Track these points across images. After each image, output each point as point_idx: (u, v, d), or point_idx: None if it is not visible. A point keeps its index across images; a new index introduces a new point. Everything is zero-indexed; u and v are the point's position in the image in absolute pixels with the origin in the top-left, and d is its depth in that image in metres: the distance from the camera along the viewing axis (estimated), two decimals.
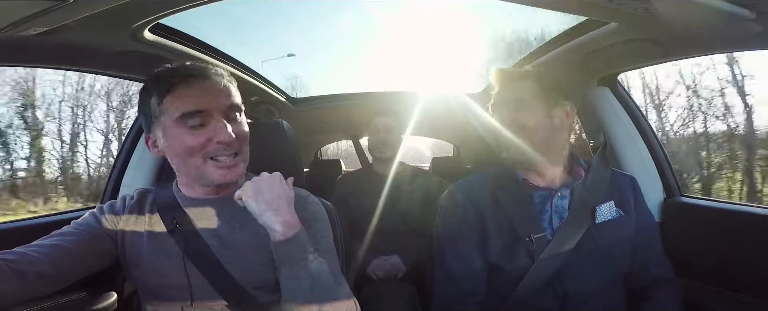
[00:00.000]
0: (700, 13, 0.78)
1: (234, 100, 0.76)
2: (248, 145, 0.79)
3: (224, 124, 0.72)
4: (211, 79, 0.75)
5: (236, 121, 0.76)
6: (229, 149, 0.74)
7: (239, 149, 0.76)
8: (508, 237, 0.88)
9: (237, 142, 0.75)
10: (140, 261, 0.79)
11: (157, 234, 0.79)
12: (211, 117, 0.73)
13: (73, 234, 0.76)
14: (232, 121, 0.75)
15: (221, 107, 0.73)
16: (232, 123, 0.74)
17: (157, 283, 0.78)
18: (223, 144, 0.72)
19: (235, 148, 0.75)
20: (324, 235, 0.82)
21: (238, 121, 0.77)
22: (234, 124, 0.75)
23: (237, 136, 0.74)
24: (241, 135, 0.76)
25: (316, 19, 26.60)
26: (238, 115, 0.77)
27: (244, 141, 0.78)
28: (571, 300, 0.86)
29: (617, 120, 1.34)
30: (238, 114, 0.77)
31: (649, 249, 0.93)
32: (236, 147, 0.75)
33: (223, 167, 0.74)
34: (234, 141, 0.74)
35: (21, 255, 0.67)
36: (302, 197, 0.84)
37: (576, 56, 1.19)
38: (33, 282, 0.66)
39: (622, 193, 0.93)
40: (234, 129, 0.74)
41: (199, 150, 0.73)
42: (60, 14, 0.67)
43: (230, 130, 0.72)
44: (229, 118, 0.75)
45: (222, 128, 0.72)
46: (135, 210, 0.82)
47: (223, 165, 0.74)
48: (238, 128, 0.76)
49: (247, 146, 0.79)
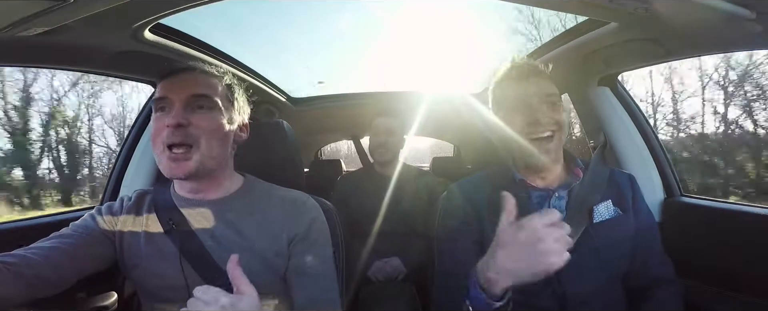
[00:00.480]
0: (700, 13, 0.78)
1: (201, 90, 0.75)
2: (216, 142, 0.76)
3: (179, 111, 0.72)
4: (188, 71, 0.77)
5: (200, 111, 0.74)
6: (179, 137, 0.71)
7: (196, 140, 0.73)
8: None
9: (193, 130, 0.72)
10: (138, 262, 0.79)
11: (155, 235, 0.79)
12: (172, 104, 0.73)
13: (72, 236, 0.76)
14: (196, 109, 0.74)
15: (183, 95, 0.73)
16: (193, 112, 0.73)
17: (156, 284, 0.78)
18: (171, 127, 0.71)
19: (189, 138, 0.72)
20: (321, 246, 0.81)
21: (202, 111, 0.75)
22: (196, 113, 0.74)
23: (193, 125, 0.72)
24: (201, 126, 0.73)
25: (317, 19, 26.67)
26: (207, 106, 0.75)
27: (207, 133, 0.74)
28: (570, 300, 0.86)
29: (617, 120, 1.34)
30: (205, 104, 0.75)
31: (648, 248, 0.93)
32: (191, 136, 0.72)
33: (172, 158, 0.72)
34: (186, 127, 0.72)
35: (20, 257, 0.67)
36: (300, 202, 0.83)
37: (576, 56, 1.19)
38: (32, 285, 0.66)
39: (621, 192, 0.93)
40: (192, 118, 0.72)
41: (157, 135, 0.73)
42: (60, 14, 0.67)
43: (181, 115, 0.71)
44: (193, 106, 0.74)
45: (175, 113, 0.72)
46: (133, 211, 0.82)
47: (173, 157, 0.72)
48: (199, 119, 0.73)
49: (214, 143, 0.75)
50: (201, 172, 0.75)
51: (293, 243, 0.79)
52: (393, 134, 1.74)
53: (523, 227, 0.63)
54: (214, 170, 0.78)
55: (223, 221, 0.79)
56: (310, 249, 0.79)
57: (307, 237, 0.79)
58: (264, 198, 0.83)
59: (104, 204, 0.85)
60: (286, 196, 0.84)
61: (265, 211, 0.81)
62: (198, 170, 0.74)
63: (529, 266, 0.62)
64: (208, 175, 0.78)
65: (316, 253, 0.80)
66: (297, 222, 0.80)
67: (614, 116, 1.34)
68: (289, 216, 0.80)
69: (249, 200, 0.82)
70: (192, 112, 0.74)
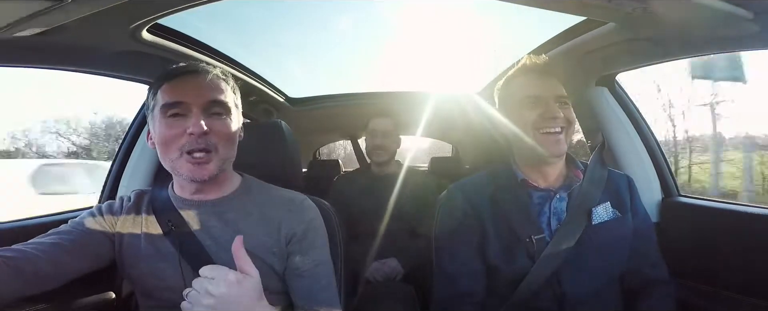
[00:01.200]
0: (698, 13, 0.79)
1: (218, 96, 0.75)
2: (231, 146, 0.78)
3: (199, 117, 0.72)
4: (199, 75, 0.76)
5: (217, 118, 0.75)
6: (201, 143, 0.72)
7: (215, 147, 0.74)
8: (508, 238, 0.88)
9: (213, 137, 0.74)
10: (137, 263, 0.79)
11: (153, 236, 0.80)
12: (189, 109, 0.73)
13: (71, 233, 0.76)
14: (213, 116, 0.75)
15: (201, 100, 0.73)
16: (210, 118, 0.74)
17: (154, 284, 0.78)
18: (195, 135, 0.71)
19: (210, 145, 0.73)
20: (319, 246, 0.82)
21: (220, 117, 0.76)
22: (213, 119, 0.74)
23: (213, 132, 0.73)
24: (220, 133, 0.75)
25: (317, 19, 26.65)
26: (223, 112, 0.76)
27: (224, 139, 0.75)
28: (568, 301, 0.86)
29: (615, 120, 1.34)
30: (221, 111, 0.76)
31: (644, 249, 0.93)
32: (211, 143, 0.74)
33: (194, 163, 0.73)
34: (208, 135, 0.73)
35: (20, 252, 0.68)
36: (298, 202, 0.83)
37: (574, 56, 1.19)
38: (31, 280, 0.67)
39: (619, 193, 0.93)
40: (211, 124, 0.73)
41: (174, 141, 0.73)
42: (58, 14, 0.67)
43: (203, 123, 0.72)
44: (210, 112, 0.74)
45: (196, 120, 0.72)
46: (132, 211, 0.83)
47: (195, 161, 0.73)
48: (218, 125, 0.74)
49: (230, 147, 0.77)
50: (219, 174, 0.76)
51: (291, 243, 0.79)
52: (389, 135, 1.73)
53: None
54: (226, 172, 0.79)
55: (222, 221, 0.79)
56: (307, 249, 0.79)
57: (305, 237, 0.80)
58: (262, 198, 0.83)
59: (104, 203, 0.85)
60: (284, 196, 0.85)
61: (263, 211, 0.81)
62: (217, 173, 0.76)
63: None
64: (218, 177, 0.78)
65: (314, 253, 0.80)
66: (294, 222, 0.80)
67: (612, 116, 1.34)
68: (286, 216, 0.80)
69: (247, 200, 0.82)
70: (209, 117, 0.74)
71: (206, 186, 0.80)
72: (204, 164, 0.73)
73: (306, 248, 0.79)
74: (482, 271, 0.91)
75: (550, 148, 0.87)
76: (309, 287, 0.79)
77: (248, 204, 0.82)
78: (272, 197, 0.84)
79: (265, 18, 25.66)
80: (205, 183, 0.77)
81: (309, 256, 0.79)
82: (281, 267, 0.79)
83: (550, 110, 0.86)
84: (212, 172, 0.74)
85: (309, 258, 0.79)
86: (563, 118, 0.87)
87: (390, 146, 1.73)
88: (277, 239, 0.79)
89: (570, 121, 0.88)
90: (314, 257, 0.80)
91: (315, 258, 0.80)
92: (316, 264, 0.80)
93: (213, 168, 0.74)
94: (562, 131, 0.87)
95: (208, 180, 0.75)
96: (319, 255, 0.81)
